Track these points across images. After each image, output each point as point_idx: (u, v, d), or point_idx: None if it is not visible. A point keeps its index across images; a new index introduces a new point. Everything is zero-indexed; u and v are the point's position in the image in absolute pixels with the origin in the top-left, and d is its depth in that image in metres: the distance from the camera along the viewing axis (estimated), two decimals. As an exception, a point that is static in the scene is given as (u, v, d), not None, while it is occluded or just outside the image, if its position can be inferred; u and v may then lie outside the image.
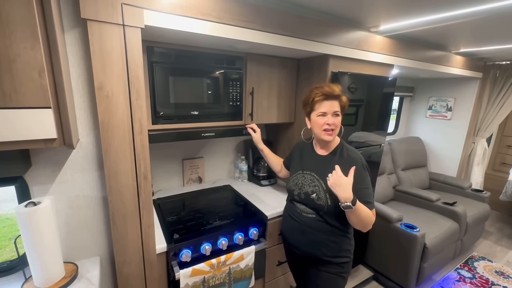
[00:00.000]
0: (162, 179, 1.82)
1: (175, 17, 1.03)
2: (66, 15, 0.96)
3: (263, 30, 1.26)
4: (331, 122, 1.10)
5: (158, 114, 1.31)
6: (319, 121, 1.13)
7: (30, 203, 0.90)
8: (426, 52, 2.12)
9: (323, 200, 1.12)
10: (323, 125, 1.12)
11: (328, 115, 1.11)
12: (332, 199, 1.10)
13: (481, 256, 2.57)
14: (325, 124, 1.11)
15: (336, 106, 1.11)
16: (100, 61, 0.91)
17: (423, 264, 1.99)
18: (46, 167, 1.05)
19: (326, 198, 1.11)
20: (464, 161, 3.10)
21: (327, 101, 1.11)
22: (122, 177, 1.03)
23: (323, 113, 1.11)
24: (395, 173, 2.87)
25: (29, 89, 0.75)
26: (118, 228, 1.06)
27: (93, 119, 1.10)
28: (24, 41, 0.73)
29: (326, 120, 1.11)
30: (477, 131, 3.03)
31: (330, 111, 1.10)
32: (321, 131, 1.13)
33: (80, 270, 1.09)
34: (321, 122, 1.12)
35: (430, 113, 3.25)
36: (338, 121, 1.12)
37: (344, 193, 1.00)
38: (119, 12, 0.91)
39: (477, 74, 2.78)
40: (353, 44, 1.60)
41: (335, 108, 1.11)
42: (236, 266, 1.33)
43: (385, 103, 1.90)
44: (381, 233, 2.09)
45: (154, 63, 1.24)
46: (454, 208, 2.29)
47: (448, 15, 1.41)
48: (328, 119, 1.11)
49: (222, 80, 1.46)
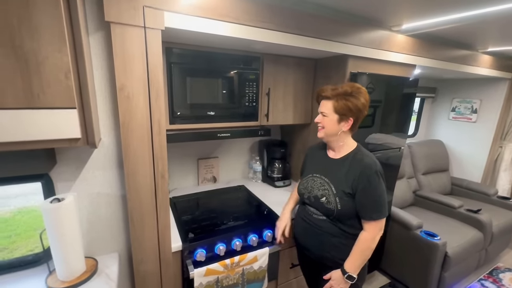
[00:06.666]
0: (178, 178, 1.84)
1: (194, 18, 1.04)
2: (90, 18, 0.99)
3: (280, 30, 1.24)
4: (317, 120, 1.15)
5: (175, 114, 1.33)
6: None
7: (55, 199, 0.94)
8: (451, 52, 2.02)
9: (333, 204, 1.09)
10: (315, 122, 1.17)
11: (319, 114, 1.15)
12: (342, 203, 1.08)
13: (507, 268, 2.42)
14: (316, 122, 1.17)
15: (324, 106, 1.12)
16: (121, 63, 0.93)
17: (444, 273, 1.90)
18: (70, 164, 1.09)
19: (336, 203, 1.09)
20: (489, 166, 2.93)
21: (322, 101, 1.15)
22: (140, 176, 1.05)
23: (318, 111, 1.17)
24: (415, 177, 2.76)
25: (56, 90, 0.78)
26: (136, 227, 1.09)
27: (114, 120, 1.13)
28: (52, 44, 0.76)
29: (316, 118, 1.17)
30: (504, 134, 2.86)
31: (319, 110, 1.15)
32: None
33: (100, 265, 1.13)
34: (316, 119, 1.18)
35: (453, 115, 3.10)
36: (324, 121, 1.12)
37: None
38: (141, 15, 0.92)
39: (506, 74, 2.61)
40: (374, 44, 1.55)
41: (323, 108, 1.13)
42: (250, 267, 1.33)
43: (405, 104, 1.83)
44: (400, 239, 2.02)
45: (172, 64, 1.26)
46: (478, 216, 2.17)
47: (476, 13, 1.33)
48: (317, 117, 1.16)
49: (238, 81, 1.46)
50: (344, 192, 1.08)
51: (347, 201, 1.08)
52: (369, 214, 1.07)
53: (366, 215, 1.07)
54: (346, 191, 1.08)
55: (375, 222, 1.07)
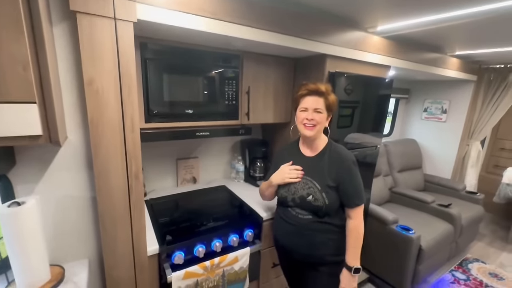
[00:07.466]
0: (156, 179, 1.77)
1: (169, 12, 1.00)
2: (54, 7, 0.92)
3: (259, 27, 1.24)
4: (310, 117, 1.11)
5: (152, 112, 1.28)
6: (301, 115, 1.15)
7: (13, 203, 0.86)
8: (423, 54, 2.13)
9: (320, 201, 1.11)
10: (303, 119, 1.13)
11: (309, 111, 1.12)
12: (328, 198, 1.10)
13: (475, 258, 2.58)
14: (305, 119, 1.12)
15: (319, 103, 1.11)
16: (89, 55, 0.87)
17: (418, 266, 1.98)
18: (31, 165, 1.00)
19: (323, 198, 1.10)
20: (458, 163, 3.12)
21: (310, 97, 1.12)
22: (112, 177, 0.99)
23: (305, 108, 1.13)
24: (391, 175, 2.87)
25: (12, 83, 0.72)
26: (108, 230, 1.02)
27: (82, 116, 1.05)
28: (8, 33, 0.69)
29: (306, 115, 1.12)
30: (471, 133, 3.05)
31: (311, 106, 1.12)
32: (301, 126, 1.15)
33: (67, 273, 1.05)
34: (302, 116, 1.14)
35: (425, 115, 3.26)
36: (319, 118, 1.11)
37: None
38: (111, 5, 0.87)
39: (472, 77, 2.80)
40: (350, 44, 1.59)
41: (317, 105, 1.11)
42: (230, 268, 1.30)
43: (381, 105, 1.89)
44: (377, 235, 2.08)
45: (148, 60, 1.21)
46: (449, 210, 2.30)
47: (445, 16, 1.41)
48: (308, 114, 1.12)
49: (218, 79, 1.43)
50: (328, 186, 1.11)
51: (332, 194, 1.11)
52: (353, 201, 1.12)
53: (351, 203, 1.12)
54: (330, 185, 1.11)
55: (359, 207, 1.13)
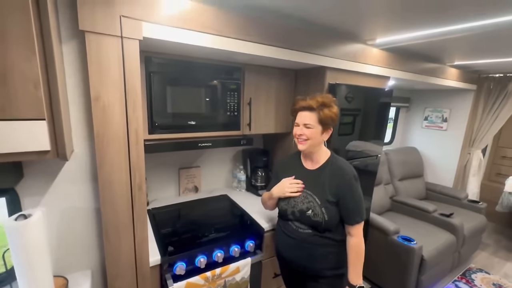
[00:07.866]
0: (158, 188, 1.79)
1: (174, 29, 1.03)
2: (64, 26, 0.96)
3: (262, 42, 1.27)
4: (299, 132, 1.14)
5: (155, 124, 1.30)
6: (294, 130, 1.18)
7: (20, 216, 0.88)
8: (421, 65, 2.16)
9: (320, 216, 1.10)
10: (295, 134, 1.17)
11: (300, 126, 1.14)
12: (328, 213, 1.10)
13: (478, 268, 2.55)
14: (296, 134, 1.16)
15: (308, 118, 1.12)
16: (97, 72, 0.90)
17: (421, 276, 1.96)
18: (38, 178, 1.03)
19: (323, 214, 1.10)
20: (460, 171, 3.11)
21: (302, 112, 1.14)
22: (116, 188, 1.01)
23: (297, 123, 1.17)
24: (392, 183, 2.87)
25: (23, 101, 0.74)
26: (111, 241, 1.04)
27: (88, 130, 1.08)
28: (20, 53, 0.72)
29: (296, 130, 1.16)
30: (472, 142, 3.06)
31: (301, 122, 1.14)
32: (296, 139, 1.18)
33: (70, 284, 1.06)
34: (294, 131, 1.18)
35: (426, 123, 3.28)
36: (309, 133, 1.11)
37: None
38: (118, 24, 0.91)
39: (471, 86, 2.82)
40: (350, 56, 1.62)
41: (307, 120, 1.12)
42: (232, 279, 1.31)
43: (381, 113, 1.91)
44: (378, 245, 2.07)
45: (152, 73, 1.24)
46: (451, 220, 2.28)
47: (443, 30, 1.44)
48: (297, 130, 1.15)
49: (220, 90, 1.46)
50: (328, 201, 1.10)
51: (332, 210, 1.10)
52: (354, 218, 1.11)
53: (351, 220, 1.11)
54: (330, 200, 1.10)
55: (359, 225, 1.11)
